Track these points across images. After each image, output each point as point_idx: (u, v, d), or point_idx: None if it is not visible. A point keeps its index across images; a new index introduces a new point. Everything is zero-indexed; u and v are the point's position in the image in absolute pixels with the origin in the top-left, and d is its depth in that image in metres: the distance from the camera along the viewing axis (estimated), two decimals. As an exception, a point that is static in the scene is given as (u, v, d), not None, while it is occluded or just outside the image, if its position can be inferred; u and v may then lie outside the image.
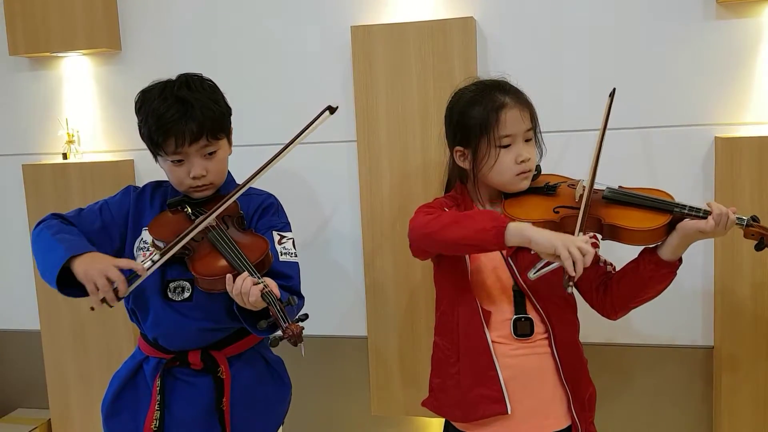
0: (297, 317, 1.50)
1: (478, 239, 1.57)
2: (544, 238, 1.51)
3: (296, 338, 1.46)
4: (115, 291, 1.59)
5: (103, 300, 1.60)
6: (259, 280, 1.54)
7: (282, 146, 1.75)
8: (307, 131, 1.74)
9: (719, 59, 2.22)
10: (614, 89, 1.76)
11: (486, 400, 1.70)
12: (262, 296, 1.51)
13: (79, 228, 1.80)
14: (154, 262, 1.64)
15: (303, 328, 1.48)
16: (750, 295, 2.19)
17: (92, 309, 1.63)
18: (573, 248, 1.48)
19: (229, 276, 1.57)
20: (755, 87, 2.20)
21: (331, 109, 1.75)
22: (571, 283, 1.50)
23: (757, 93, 2.20)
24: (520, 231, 1.53)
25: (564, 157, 1.98)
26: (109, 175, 2.66)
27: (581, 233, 1.58)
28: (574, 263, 1.47)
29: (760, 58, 2.19)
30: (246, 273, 1.56)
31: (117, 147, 2.77)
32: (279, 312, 1.49)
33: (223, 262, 1.64)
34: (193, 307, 1.76)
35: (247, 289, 1.52)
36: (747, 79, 2.20)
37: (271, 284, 1.55)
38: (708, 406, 2.36)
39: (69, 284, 1.65)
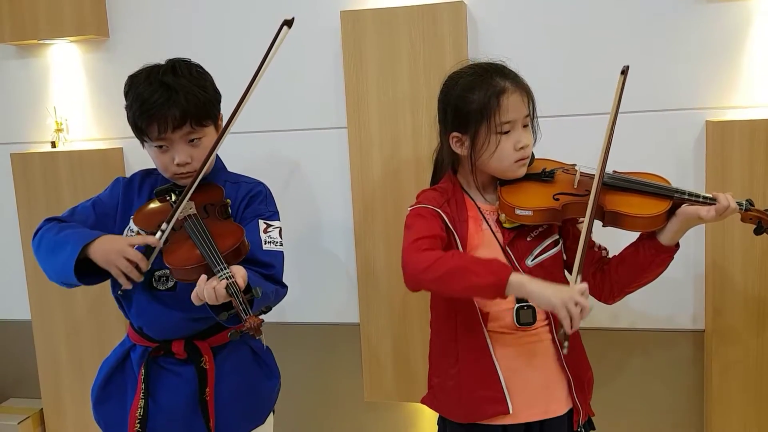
0: (259, 310, 1.49)
1: (476, 293, 1.58)
2: (542, 296, 1.50)
3: (254, 331, 1.45)
4: (137, 268, 1.63)
5: (129, 278, 1.64)
6: (224, 272, 1.51)
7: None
8: (271, 53, 1.72)
9: (710, 43, 2.21)
10: (627, 66, 1.67)
11: (488, 401, 1.70)
12: (225, 288, 1.49)
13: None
14: (163, 231, 1.66)
15: (262, 321, 1.47)
16: (741, 279, 2.19)
17: (121, 292, 1.70)
18: (571, 305, 1.47)
19: (194, 293, 1.55)
20: (745, 70, 2.20)
21: (288, 23, 1.72)
22: (566, 342, 1.50)
23: (747, 76, 2.20)
24: (520, 287, 1.51)
25: (557, 143, 1.97)
26: (98, 164, 2.64)
27: (579, 276, 1.55)
28: (571, 319, 1.47)
29: (750, 42, 2.18)
30: (204, 278, 1.54)
31: (106, 135, 2.75)
32: (241, 304, 1.48)
33: (193, 252, 1.62)
34: (176, 297, 1.76)
35: (212, 293, 1.50)
36: (737, 63, 2.20)
37: (238, 275, 1.52)
38: (699, 389, 2.37)
39: (84, 274, 1.68)
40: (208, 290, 1.51)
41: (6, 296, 2.96)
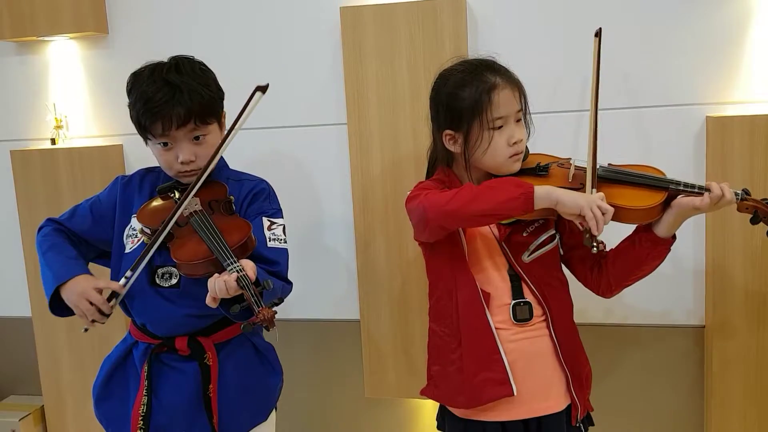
0: (271, 302, 1.49)
1: (506, 208, 1.57)
2: (570, 199, 1.54)
3: (268, 323, 1.45)
4: (100, 311, 1.68)
5: (93, 320, 1.70)
6: (234, 266, 1.52)
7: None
8: (243, 116, 1.70)
9: (710, 38, 2.21)
10: (600, 29, 1.72)
11: (491, 384, 1.68)
12: (237, 280, 1.50)
13: (72, 228, 1.86)
14: (127, 279, 1.69)
15: (275, 313, 1.47)
16: (741, 274, 2.19)
17: (85, 330, 1.73)
18: (595, 208, 1.53)
19: (208, 298, 1.56)
20: (746, 65, 2.20)
21: (262, 89, 1.72)
22: (594, 243, 1.54)
23: (747, 71, 2.20)
24: (548, 194, 1.56)
25: (557, 138, 1.98)
26: (97, 161, 2.64)
27: (594, 189, 1.61)
28: (597, 222, 1.53)
29: (750, 37, 2.18)
30: (216, 276, 1.54)
31: (106, 132, 2.74)
32: (253, 296, 1.48)
33: (202, 247, 1.62)
34: (180, 294, 1.76)
35: (222, 287, 1.51)
36: (738, 58, 2.20)
37: (248, 267, 1.53)
38: (699, 385, 2.37)
39: (62, 305, 1.75)
40: (219, 284, 1.51)
41: (6, 293, 2.96)
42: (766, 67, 2.18)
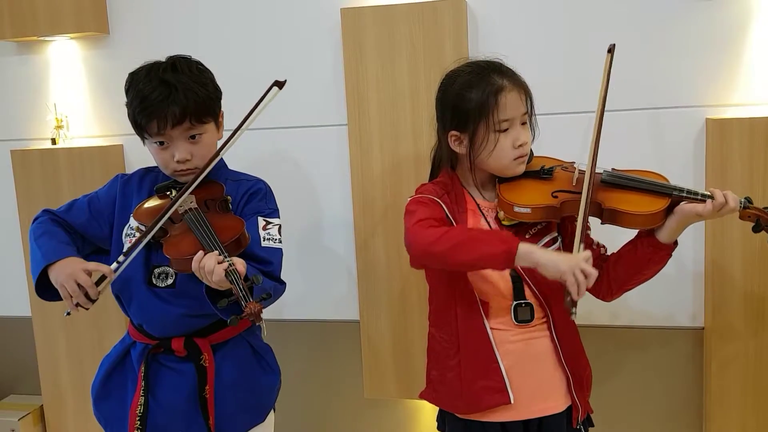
0: (260, 297, 1.49)
1: (487, 263, 1.58)
2: (551, 263, 1.51)
3: (254, 317, 1.45)
4: (87, 295, 1.63)
5: (77, 304, 1.64)
6: (225, 259, 1.52)
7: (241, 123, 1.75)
8: (257, 110, 1.71)
9: (710, 40, 2.21)
10: (613, 45, 1.71)
11: (489, 392, 1.70)
12: (225, 275, 1.49)
13: (69, 221, 1.84)
14: (119, 264, 1.66)
15: (263, 307, 1.47)
16: (741, 276, 2.19)
17: (68, 314, 1.68)
18: (578, 272, 1.48)
19: (197, 255, 1.55)
20: (746, 68, 2.20)
21: (279, 84, 1.73)
22: (574, 309, 1.50)
23: (747, 74, 2.20)
24: (528, 255, 1.53)
25: (557, 140, 1.98)
26: (98, 161, 2.64)
27: (582, 245, 1.56)
28: (578, 286, 1.48)
29: (750, 39, 2.18)
30: (211, 251, 1.54)
31: (106, 132, 2.75)
32: (241, 291, 1.48)
33: (194, 243, 1.62)
34: (176, 294, 1.76)
35: (211, 268, 1.50)
36: (738, 60, 2.20)
37: (238, 263, 1.53)
38: (698, 386, 2.37)
39: (50, 288, 1.71)
40: (209, 261, 1.51)
41: (6, 293, 2.96)
42: (766, 70, 2.19)
